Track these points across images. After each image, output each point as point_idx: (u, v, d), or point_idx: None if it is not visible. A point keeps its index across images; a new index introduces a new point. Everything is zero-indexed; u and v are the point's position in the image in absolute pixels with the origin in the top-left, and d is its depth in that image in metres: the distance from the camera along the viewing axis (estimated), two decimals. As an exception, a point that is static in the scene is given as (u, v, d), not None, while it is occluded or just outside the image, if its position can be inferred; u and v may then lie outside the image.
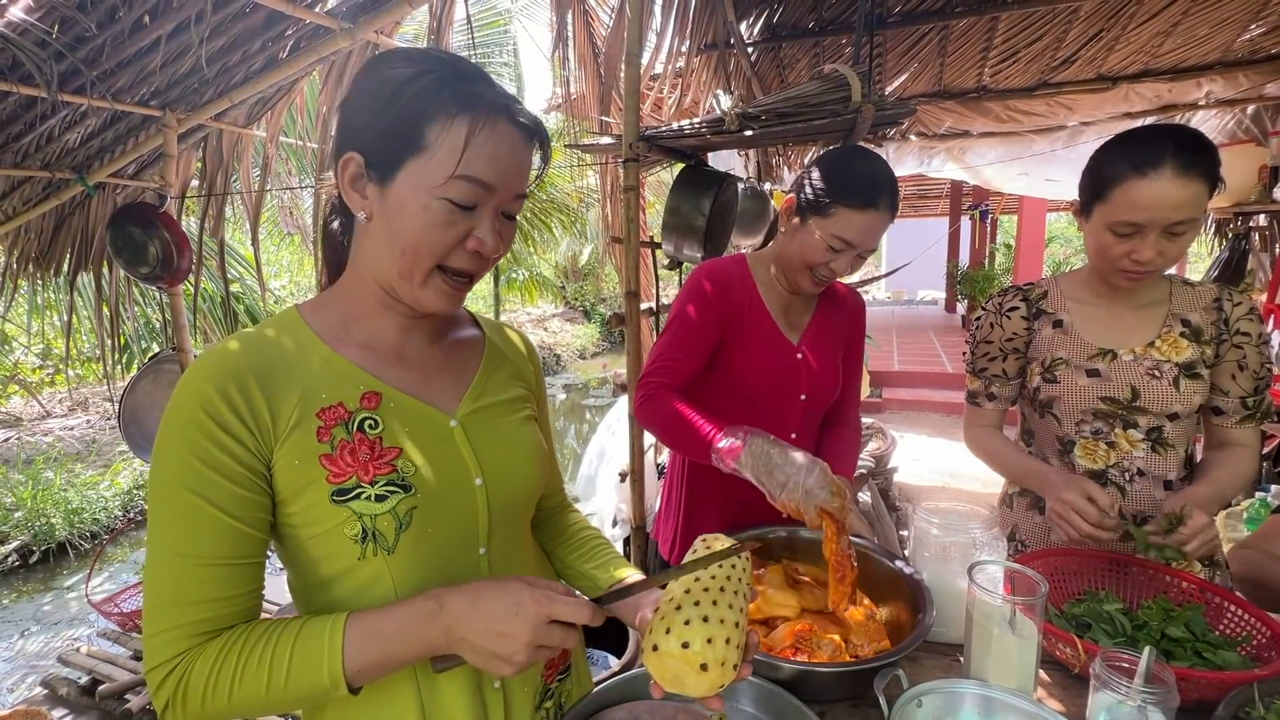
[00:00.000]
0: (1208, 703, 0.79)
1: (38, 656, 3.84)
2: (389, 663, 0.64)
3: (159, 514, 0.63)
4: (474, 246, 0.68)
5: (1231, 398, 1.19)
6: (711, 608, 0.63)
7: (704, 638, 0.61)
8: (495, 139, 0.66)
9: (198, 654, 0.62)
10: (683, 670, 0.61)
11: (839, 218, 1.17)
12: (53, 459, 6.05)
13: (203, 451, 0.62)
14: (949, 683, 0.84)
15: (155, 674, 0.62)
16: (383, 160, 0.66)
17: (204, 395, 0.63)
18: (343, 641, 0.62)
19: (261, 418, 0.64)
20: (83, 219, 2.97)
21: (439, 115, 0.64)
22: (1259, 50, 2.98)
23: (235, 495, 0.63)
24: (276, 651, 0.62)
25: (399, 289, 0.70)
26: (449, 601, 0.63)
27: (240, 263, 6.92)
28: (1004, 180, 4.66)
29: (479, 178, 0.65)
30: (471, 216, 0.67)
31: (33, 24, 1.64)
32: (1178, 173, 1.03)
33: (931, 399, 6.89)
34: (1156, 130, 1.09)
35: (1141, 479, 1.21)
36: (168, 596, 0.62)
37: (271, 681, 0.61)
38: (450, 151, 0.64)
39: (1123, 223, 1.09)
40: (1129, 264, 1.12)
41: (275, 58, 2.31)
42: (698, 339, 1.30)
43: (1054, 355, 1.26)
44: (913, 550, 1.14)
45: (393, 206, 0.66)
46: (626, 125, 1.73)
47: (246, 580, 0.65)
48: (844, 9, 2.76)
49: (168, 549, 0.62)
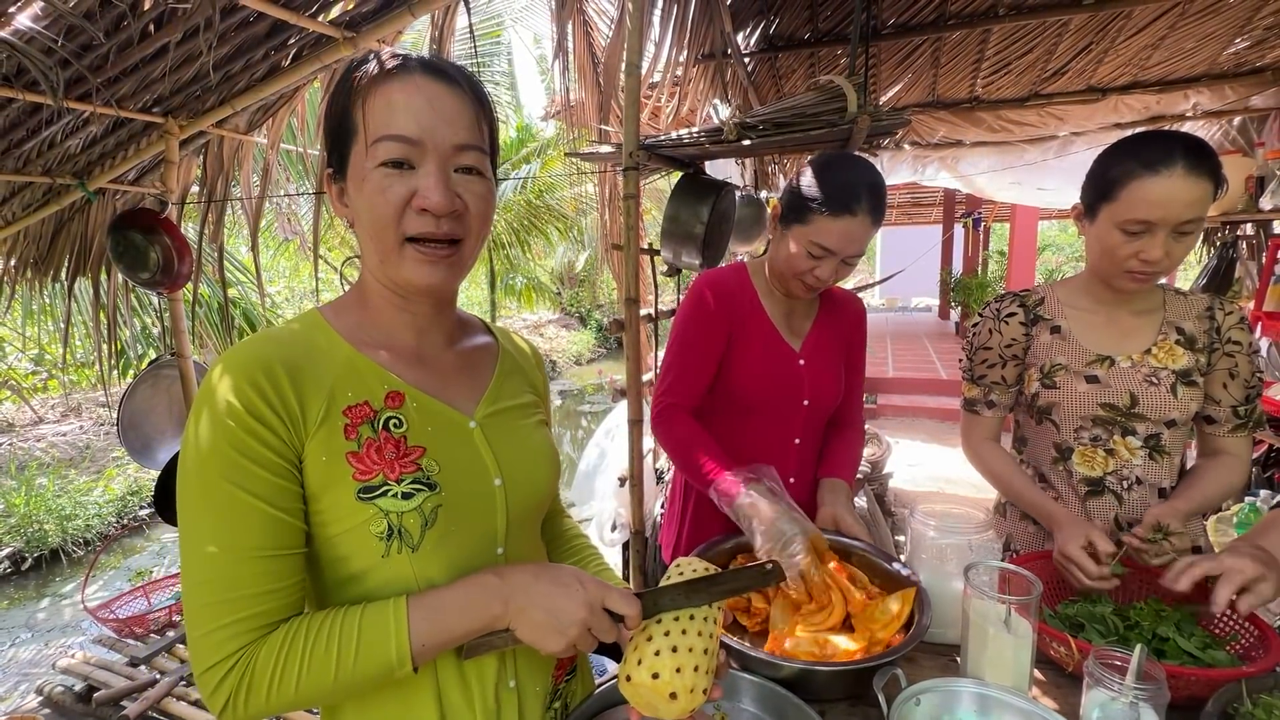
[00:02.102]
0: (1197, 699, 0.81)
1: (30, 664, 3.80)
2: (449, 636, 0.65)
3: (197, 510, 0.62)
4: (419, 204, 0.67)
5: (1223, 407, 1.20)
6: (681, 637, 0.67)
7: (673, 668, 0.65)
8: (406, 93, 0.66)
9: (260, 645, 0.62)
10: (654, 699, 0.66)
11: (816, 225, 1.18)
12: (46, 465, 6.01)
13: (239, 443, 0.62)
14: (946, 681, 0.86)
15: (213, 673, 0.61)
16: (337, 163, 0.71)
17: (235, 387, 0.63)
18: (408, 616, 0.63)
19: (292, 409, 0.64)
20: (82, 224, 2.97)
21: (355, 97, 0.67)
22: (1244, 64, 3.05)
23: (275, 485, 0.63)
24: (344, 632, 0.63)
25: (387, 275, 0.71)
26: (509, 575, 0.67)
27: (238, 269, 6.92)
28: (996, 189, 4.72)
29: (397, 133, 0.65)
30: (412, 177, 0.67)
31: (40, 32, 1.66)
32: (1188, 170, 1.04)
33: (926, 405, 6.93)
34: (1163, 133, 1.10)
35: (1140, 487, 1.22)
36: (217, 594, 0.61)
37: (340, 662, 0.62)
38: (369, 121, 0.66)
39: (1133, 221, 1.09)
40: (1137, 264, 1.12)
41: (277, 66, 2.33)
42: (705, 353, 1.32)
43: (1053, 361, 1.26)
44: (910, 552, 1.16)
45: (353, 198, 0.69)
46: (627, 134, 1.75)
47: (295, 570, 0.66)
48: (839, 20, 2.81)
49: (212, 544, 0.61)
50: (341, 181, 0.71)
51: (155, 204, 2.80)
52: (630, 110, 1.76)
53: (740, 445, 1.34)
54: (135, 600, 2.82)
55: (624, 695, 0.68)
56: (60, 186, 2.62)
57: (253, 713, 0.61)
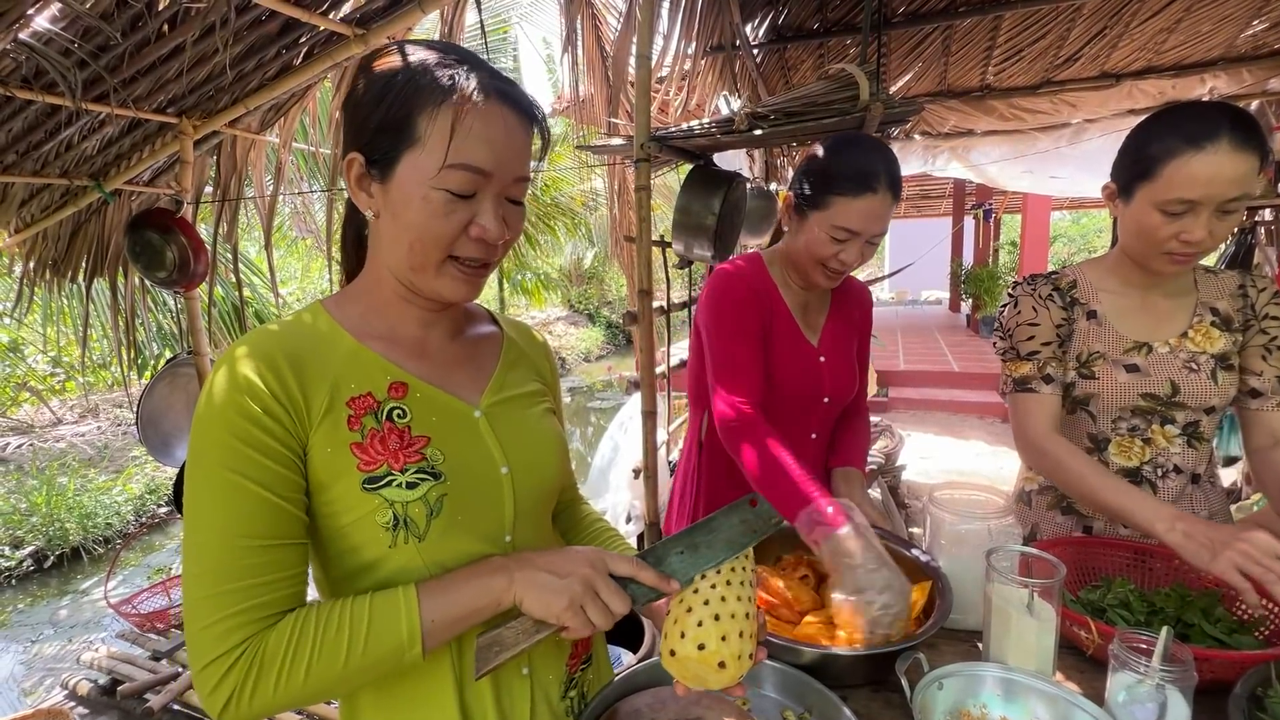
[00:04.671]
0: (1224, 683, 0.80)
1: (54, 660, 3.87)
2: (458, 613, 0.65)
3: (202, 501, 0.62)
4: (477, 234, 0.67)
5: (1266, 378, 1.15)
6: (721, 604, 0.65)
7: (718, 636, 0.63)
8: (486, 122, 0.65)
9: (268, 633, 0.61)
10: (702, 670, 0.64)
11: (836, 208, 1.16)
12: (66, 465, 6.10)
13: (242, 432, 0.62)
14: (970, 665, 0.86)
15: (215, 667, 0.59)
16: (381, 157, 0.66)
17: (239, 378, 0.63)
18: (417, 595, 0.64)
19: (295, 400, 0.65)
20: (99, 225, 3.01)
21: (426, 104, 0.64)
22: (1262, 46, 2.99)
23: (278, 474, 0.63)
24: (354, 615, 0.63)
25: (415, 281, 0.71)
26: (514, 555, 0.70)
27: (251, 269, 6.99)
28: (1008, 179, 4.67)
29: (473, 164, 0.64)
30: (472, 204, 0.67)
31: (57, 33, 1.68)
32: (1235, 146, 0.98)
33: (938, 398, 6.89)
34: (1206, 105, 1.04)
35: (1176, 475, 1.19)
36: (221, 584, 0.60)
37: (351, 645, 0.62)
38: (441, 140, 0.63)
39: (1176, 200, 1.03)
40: (1177, 246, 1.06)
41: (289, 64, 2.34)
42: (756, 342, 1.26)
43: (1090, 349, 1.19)
44: (929, 539, 1.15)
45: (396, 202, 0.66)
46: (638, 126, 1.75)
47: (298, 561, 0.66)
48: (848, 10, 2.79)
49: (215, 535, 0.61)
50: (377, 176, 0.68)
51: (171, 204, 2.83)
52: (641, 101, 1.75)
53: None
54: (156, 596, 2.86)
55: (669, 670, 0.66)
56: (77, 188, 2.66)
57: (256, 709, 0.60)
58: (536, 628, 0.66)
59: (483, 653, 0.65)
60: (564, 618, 0.65)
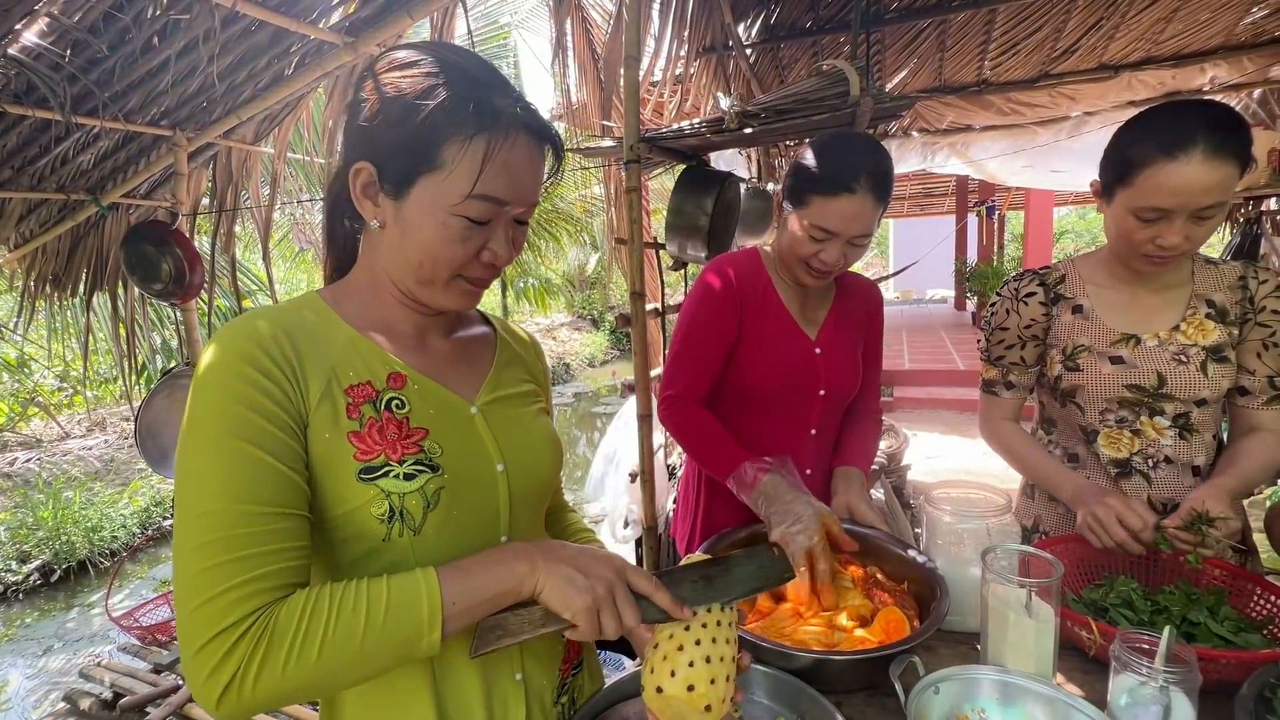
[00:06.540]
0: (1230, 683, 0.78)
1: (60, 673, 3.88)
2: (480, 596, 0.62)
3: (203, 470, 0.58)
4: (489, 259, 0.69)
5: (1258, 377, 1.14)
6: (712, 645, 0.65)
7: (708, 679, 0.63)
8: (512, 155, 0.65)
9: (279, 606, 0.57)
10: (686, 711, 0.64)
11: (814, 207, 1.15)
12: (72, 479, 6.13)
13: (247, 399, 0.60)
14: (966, 669, 0.83)
15: (218, 642, 0.54)
16: (396, 174, 0.65)
17: (241, 348, 0.62)
18: (438, 575, 0.61)
19: (295, 369, 0.64)
20: (97, 239, 3.03)
21: (456, 135, 0.63)
22: (1263, 33, 2.96)
23: (283, 442, 0.61)
24: (372, 592, 0.59)
25: (418, 293, 0.71)
26: (538, 543, 0.68)
27: (252, 280, 7.03)
28: (1009, 173, 4.64)
29: (496, 196, 0.65)
30: (486, 230, 0.68)
31: (46, 48, 1.69)
32: (1209, 154, 0.96)
33: (944, 397, 6.83)
34: (1185, 107, 1.02)
35: (1169, 466, 1.17)
36: (225, 553, 0.56)
37: (369, 622, 0.58)
38: (468, 171, 0.63)
39: (1149, 208, 1.03)
40: (1153, 249, 1.07)
41: (281, 74, 2.35)
42: (711, 341, 1.29)
43: (1075, 342, 1.21)
44: (926, 538, 1.13)
45: (407, 220, 0.66)
46: (627, 126, 1.74)
47: (303, 534, 0.62)
48: (841, 7, 2.77)
49: (219, 503, 0.57)
50: (390, 192, 0.66)
51: (167, 216, 2.84)
52: (630, 103, 1.74)
53: (755, 437, 1.31)
54: (159, 608, 2.87)
55: (650, 706, 0.65)
56: (75, 202, 2.67)
57: (260, 693, 0.55)
58: (544, 621, 0.63)
59: (485, 634, 0.63)
60: (579, 617, 0.62)
